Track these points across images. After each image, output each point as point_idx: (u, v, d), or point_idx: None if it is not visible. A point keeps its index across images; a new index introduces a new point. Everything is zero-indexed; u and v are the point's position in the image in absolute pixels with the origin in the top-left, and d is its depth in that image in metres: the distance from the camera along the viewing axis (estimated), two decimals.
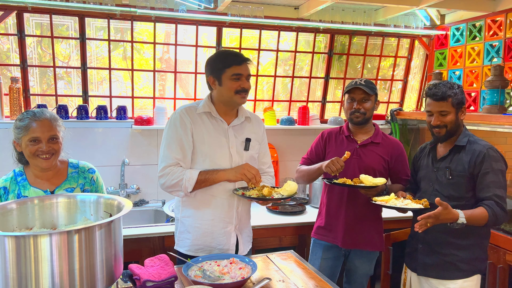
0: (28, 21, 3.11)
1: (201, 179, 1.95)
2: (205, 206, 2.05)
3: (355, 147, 2.40)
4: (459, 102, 2.09)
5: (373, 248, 2.44)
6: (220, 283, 1.57)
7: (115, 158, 3.25)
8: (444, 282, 2.12)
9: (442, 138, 2.14)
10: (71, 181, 2.00)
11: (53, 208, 1.72)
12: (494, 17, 3.29)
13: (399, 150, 2.44)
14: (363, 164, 2.35)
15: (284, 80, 3.92)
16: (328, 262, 2.47)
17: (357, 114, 2.36)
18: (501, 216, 1.96)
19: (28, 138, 1.85)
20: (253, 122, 2.21)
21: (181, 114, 2.03)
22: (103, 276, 1.49)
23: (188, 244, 2.08)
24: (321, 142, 2.52)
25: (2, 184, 1.91)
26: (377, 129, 2.47)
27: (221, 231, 2.06)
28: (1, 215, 1.59)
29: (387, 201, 2.08)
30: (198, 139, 2.03)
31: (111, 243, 1.52)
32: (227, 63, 2.00)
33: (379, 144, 2.41)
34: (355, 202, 2.38)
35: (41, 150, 1.86)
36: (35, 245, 1.34)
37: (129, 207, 1.59)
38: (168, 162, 1.99)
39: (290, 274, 1.88)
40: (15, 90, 3.02)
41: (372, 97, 2.36)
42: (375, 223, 2.45)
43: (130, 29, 3.28)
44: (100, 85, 3.43)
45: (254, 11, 3.27)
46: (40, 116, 1.88)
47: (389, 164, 2.41)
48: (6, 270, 1.34)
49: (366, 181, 2.17)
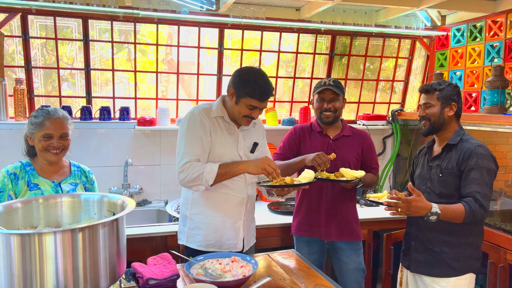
0: (32, 23, 3.15)
1: (222, 172, 1.99)
2: (216, 202, 2.12)
3: (328, 142, 2.53)
4: (446, 97, 2.14)
5: (355, 238, 2.53)
6: (222, 281, 1.59)
7: (118, 158, 3.28)
8: (437, 280, 2.14)
9: (426, 131, 2.21)
10: (75, 177, 2.14)
11: (58, 207, 1.75)
12: (494, 18, 3.30)
13: (368, 140, 2.59)
14: (339, 158, 2.42)
15: (286, 81, 3.94)
16: (314, 256, 2.55)
17: (328, 114, 2.47)
18: (478, 213, 1.95)
19: (42, 134, 1.98)
20: (257, 126, 2.30)
21: (200, 115, 2.08)
22: (107, 273, 1.51)
23: (199, 240, 2.13)
24: (295, 137, 2.61)
25: (12, 170, 2.00)
26: (345, 123, 2.61)
27: (231, 226, 2.14)
28: (6, 214, 1.62)
29: (380, 197, 2.14)
30: (214, 141, 2.09)
31: (115, 241, 1.55)
32: (253, 94, 2.01)
33: (349, 137, 2.55)
34: (333, 195, 2.50)
35: (52, 146, 1.99)
36: (40, 243, 1.37)
37: (132, 206, 1.62)
38: (189, 158, 2.02)
39: (291, 272, 1.90)
40: (20, 91, 3.05)
41: (340, 97, 2.49)
42: (353, 213, 2.57)
43: (133, 31, 3.32)
44: (103, 87, 3.46)
45: (256, 12, 3.30)
46: (54, 115, 2.02)
47: (362, 154, 2.55)
48: (11, 267, 1.37)
49: (347, 174, 2.27)
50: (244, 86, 2.02)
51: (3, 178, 1.97)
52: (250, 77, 2.03)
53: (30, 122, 2.02)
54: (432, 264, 2.15)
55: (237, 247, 2.16)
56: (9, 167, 2.01)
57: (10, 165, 2.03)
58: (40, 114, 2.02)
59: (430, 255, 2.17)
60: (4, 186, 1.96)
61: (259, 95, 2.00)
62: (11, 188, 1.96)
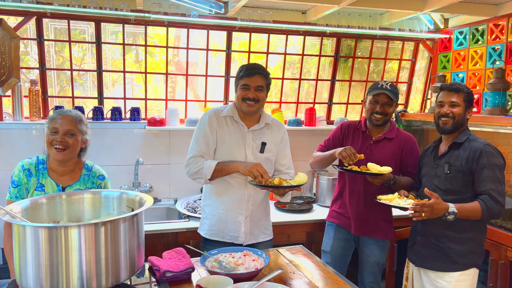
0: (47, 26, 3.24)
1: (218, 168, 2.20)
2: (221, 197, 2.33)
3: (369, 142, 2.56)
4: (469, 100, 2.23)
5: (383, 236, 2.57)
6: (235, 273, 1.68)
7: (129, 157, 3.37)
8: (441, 275, 2.22)
9: (447, 130, 2.24)
10: (81, 183, 2.12)
11: (79, 203, 1.85)
12: (496, 21, 3.38)
13: (411, 143, 2.55)
14: (375, 159, 2.45)
15: (292, 83, 4.03)
16: (339, 242, 2.64)
17: (378, 117, 2.47)
18: (495, 209, 2.05)
19: (50, 128, 2.05)
20: (273, 127, 2.40)
21: (210, 116, 2.32)
22: (127, 266, 1.61)
23: (206, 229, 2.38)
24: (340, 133, 2.67)
25: (27, 166, 2.06)
26: (393, 125, 2.60)
27: (233, 220, 2.32)
28: (32, 209, 1.72)
29: (391, 200, 2.20)
30: (220, 139, 2.29)
31: (134, 236, 1.64)
32: (241, 74, 2.27)
33: (392, 140, 2.54)
34: (368, 192, 2.52)
35: (56, 141, 2.02)
36: (66, 235, 1.46)
37: (150, 202, 1.71)
38: (194, 153, 2.28)
39: (300, 266, 1.98)
40: (34, 92, 3.15)
41: (394, 102, 2.49)
42: (385, 212, 2.58)
43: (141, 33, 3.41)
44: (111, 88, 3.55)
45: (263, 15, 3.39)
46: (66, 112, 2.09)
47: (400, 157, 2.53)
48: (39, 258, 1.46)
49: (372, 168, 2.30)
50: (237, 74, 2.31)
51: (19, 172, 2.04)
52: (240, 67, 2.33)
53: (47, 119, 2.10)
54: (437, 258, 2.23)
55: (238, 240, 2.32)
56: (25, 162, 2.08)
57: (27, 159, 2.10)
58: (55, 111, 2.12)
59: (435, 250, 2.25)
60: (20, 180, 2.03)
61: (245, 72, 2.25)
62: (25, 182, 2.03)
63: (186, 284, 1.76)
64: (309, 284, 1.77)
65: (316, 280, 1.82)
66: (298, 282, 1.79)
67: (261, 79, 2.25)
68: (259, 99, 2.25)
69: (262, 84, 2.25)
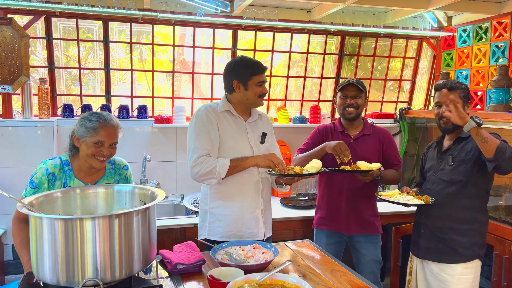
0: (55, 25, 3.29)
1: (233, 165, 2.13)
2: (233, 194, 2.23)
3: (349, 141, 2.62)
4: (466, 96, 2.25)
5: (374, 231, 2.63)
6: (246, 265, 1.72)
7: (137, 154, 3.41)
8: (444, 267, 2.25)
9: (449, 129, 2.28)
10: (108, 177, 2.12)
11: (93, 198, 1.89)
12: (499, 19, 3.41)
13: (388, 137, 2.67)
14: (359, 156, 2.52)
15: (297, 81, 4.06)
16: (331, 247, 2.66)
17: (350, 110, 2.56)
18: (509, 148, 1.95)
19: (94, 140, 1.95)
20: (264, 119, 2.43)
21: (206, 111, 2.22)
22: (140, 258, 1.64)
23: (220, 232, 2.24)
24: (319, 135, 2.73)
25: (51, 170, 1.99)
26: (366, 122, 2.69)
27: (250, 216, 2.25)
28: (47, 203, 1.75)
29: (391, 196, 2.25)
30: (223, 134, 2.22)
31: (147, 228, 1.67)
32: (255, 71, 2.22)
33: (370, 135, 2.63)
34: (353, 189, 2.58)
35: (101, 154, 1.98)
36: (81, 227, 1.50)
37: (162, 196, 1.75)
38: (200, 152, 2.15)
39: (308, 259, 2.02)
40: (43, 90, 3.19)
41: (363, 95, 2.59)
42: (372, 207, 2.66)
43: (145, 32, 3.46)
44: (114, 87, 3.58)
45: (269, 14, 3.42)
46: (109, 122, 2.00)
47: (383, 151, 2.63)
48: (55, 250, 1.49)
49: (363, 166, 2.35)
50: (245, 70, 2.22)
51: (41, 175, 1.97)
52: (243, 63, 2.24)
53: (84, 125, 1.96)
54: (441, 250, 2.27)
55: (258, 236, 2.26)
56: (49, 165, 2.00)
57: (50, 160, 2.02)
58: (96, 119, 1.97)
59: (438, 242, 2.28)
60: (41, 184, 1.96)
61: (259, 69, 2.23)
62: (46, 187, 1.96)
63: (197, 276, 1.80)
64: (318, 276, 1.81)
65: (325, 273, 1.86)
66: (307, 274, 1.83)
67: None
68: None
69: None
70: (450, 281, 2.23)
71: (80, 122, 1.99)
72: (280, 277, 1.57)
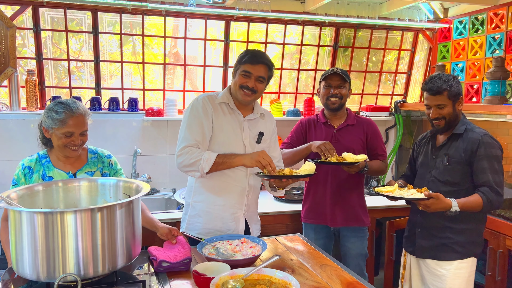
0: (43, 17, 3.22)
1: (219, 161, 2.00)
2: (217, 192, 2.14)
3: (332, 132, 2.59)
4: (455, 94, 2.17)
5: (360, 223, 2.60)
6: (233, 260, 1.68)
7: (127, 148, 3.36)
8: (440, 263, 2.22)
9: (442, 129, 2.25)
10: (91, 165, 2.07)
11: (76, 191, 1.84)
12: (496, 10, 3.36)
13: (373, 127, 2.63)
14: (343, 146, 2.50)
15: (291, 73, 4.01)
16: (320, 241, 2.63)
17: (334, 100, 2.52)
18: (495, 201, 2.05)
19: (63, 132, 1.89)
20: (266, 118, 2.29)
21: (203, 101, 2.11)
22: (123, 252, 1.60)
23: (199, 228, 2.16)
24: (302, 128, 2.69)
25: (27, 164, 1.96)
26: (350, 112, 2.66)
27: (231, 216, 2.15)
28: (28, 196, 1.71)
29: (392, 191, 2.18)
30: (216, 127, 2.11)
31: (131, 222, 1.63)
32: (244, 60, 2.09)
33: (354, 125, 2.60)
34: (338, 181, 2.55)
35: (72, 143, 1.92)
36: (62, 221, 1.46)
37: (147, 189, 1.71)
38: (188, 142, 2.05)
39: (298, 254, 1.98)
40: (31, 82, 3.13)
41: (346, 84, 2.55)
42: (359, 199, 2.62)
43: (138, 24, 3.39)
44: (109, 79, 3.53)
45: (261, 5, 3.36)
46: (76, 112, 1.92)
47: (367, 141, 2.60)
48: (35, 244, 1.45)
49: (349, 158, 2.31)
50: (239, 58, 2.13)
51: (18, 171, 1.96)
52: (245, 51, 2.15)
53: (50, 117, 1.90)
54: (437, 248, 2.23)
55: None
56: (25, 161, 1.98)
57: (28, 157, 2.01)
58: (61, 110, 1.89)
59: (435, 241, 2.24)
60: (19, 179, 1.95)
61: (249, 58, 2.08)
62: (24, 182, 1.93)
63: (184, 273, 1.76)
64: (307, 271, 1.77)
65: (314, 267, 1.82)
66: (296, 269, 1.79)
67: (265, 70, 2.10)
68: (257, 90, 2.09)
69: (264, 75, 2.10)
70: (447, 275, 2.20)
71: (46, 114, 1.92)
72: (267, 272, 1.54)
